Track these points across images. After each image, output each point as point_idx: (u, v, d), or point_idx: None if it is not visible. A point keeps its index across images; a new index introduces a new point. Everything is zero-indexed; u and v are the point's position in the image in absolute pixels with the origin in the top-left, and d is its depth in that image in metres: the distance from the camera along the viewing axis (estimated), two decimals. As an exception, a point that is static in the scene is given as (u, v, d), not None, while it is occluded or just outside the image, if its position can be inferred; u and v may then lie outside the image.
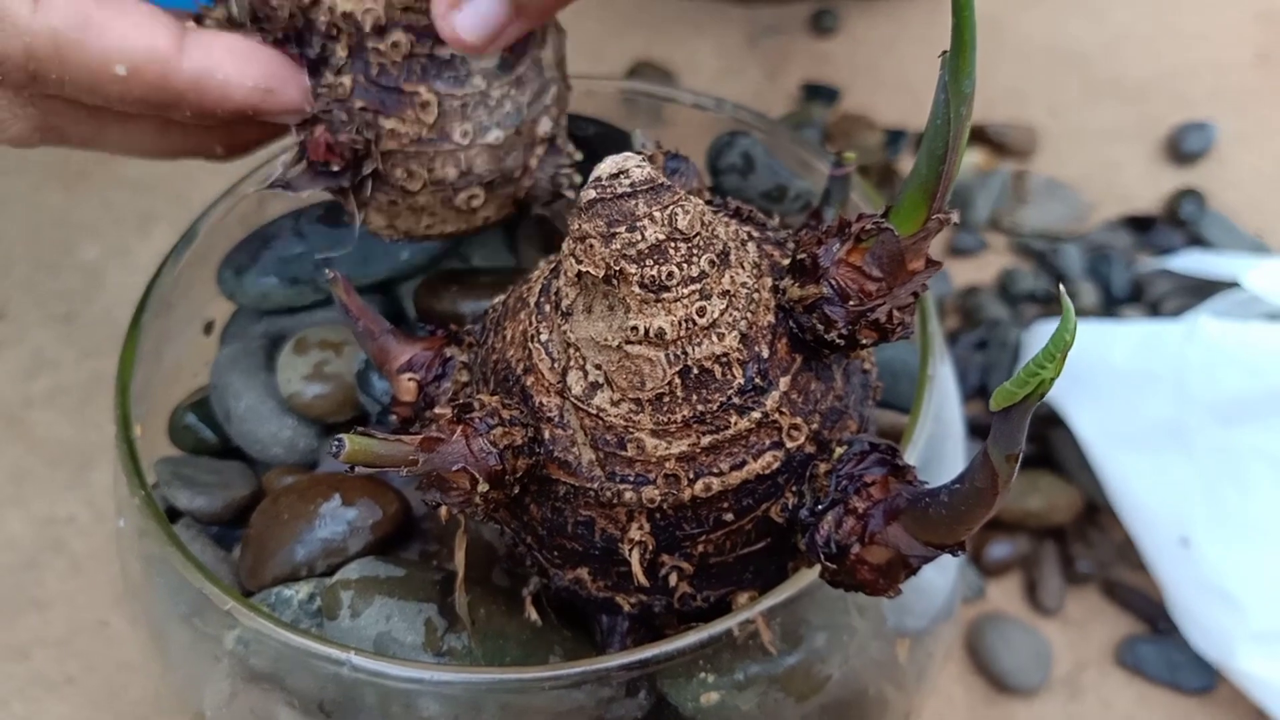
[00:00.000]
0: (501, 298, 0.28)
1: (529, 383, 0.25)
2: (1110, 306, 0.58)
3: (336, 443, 0.22)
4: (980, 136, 0.67)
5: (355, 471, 0.22)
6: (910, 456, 0.29)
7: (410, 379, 0.28)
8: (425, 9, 0.30)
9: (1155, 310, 0.57)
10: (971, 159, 0.66)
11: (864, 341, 0.25)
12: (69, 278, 0.64)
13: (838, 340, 0.25)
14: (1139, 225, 0.63)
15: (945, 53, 0.22)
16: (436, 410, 0.25)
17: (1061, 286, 0.20)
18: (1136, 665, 0.48)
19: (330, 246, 0.35)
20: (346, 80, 0.30)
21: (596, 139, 0.37)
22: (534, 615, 0.28)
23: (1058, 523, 0.51)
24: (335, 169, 0.30)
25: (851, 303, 0.24)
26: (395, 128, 0.30)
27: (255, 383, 0.34)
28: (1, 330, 0.62)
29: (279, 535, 0.31)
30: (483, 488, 0.24)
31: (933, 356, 0.30)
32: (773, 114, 0.70)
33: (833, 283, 0.24)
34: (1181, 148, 0.67)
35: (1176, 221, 0.63)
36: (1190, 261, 0.57)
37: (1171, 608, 0.48)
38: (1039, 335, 0.54)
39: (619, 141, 0.37)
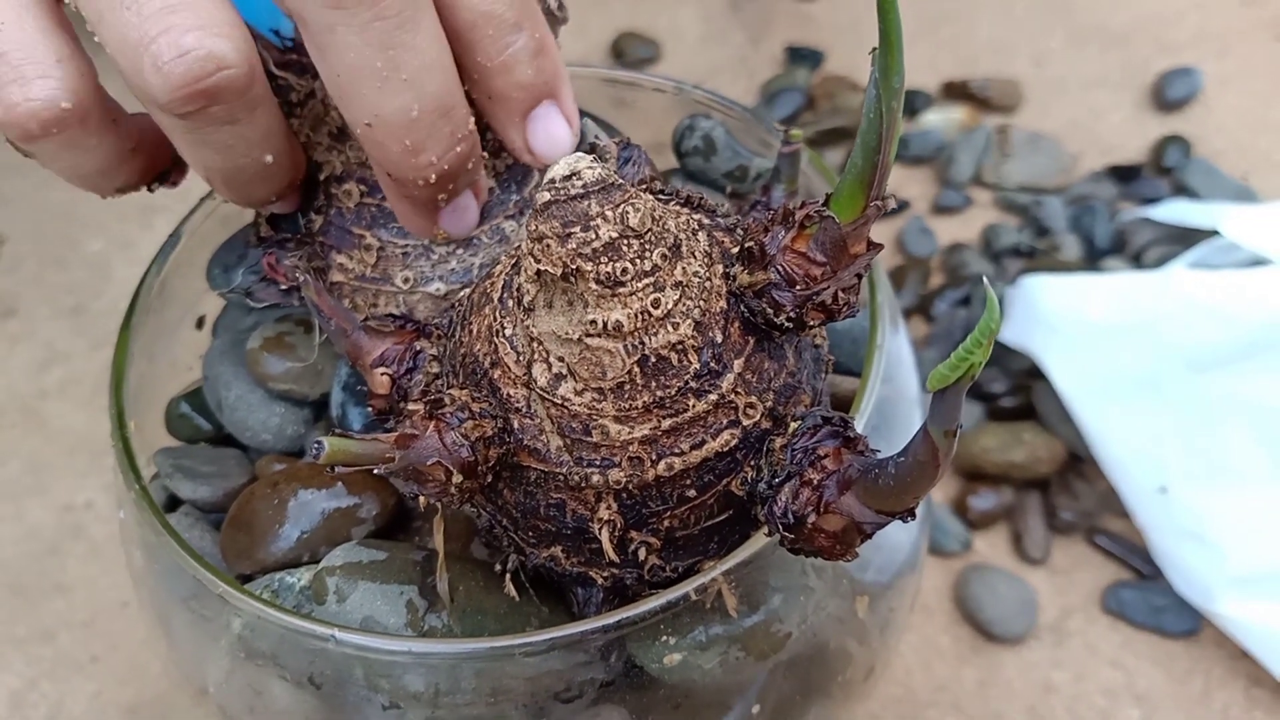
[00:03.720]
0: (467, 291, 0.29)
1: (496, 375, 0.27)
2: (1093, 259, 0.59)
3: (316, 445, 0.23)
4: (962, 93, 0.68)
5: (335, 472, 0.23)
6: (860, 423, 0.30)
7: (383, 373, 0.29)
8: None
9: (1138, 261, 0.58)
10: (954, 115, 0.66)
11: (811, 323, 0.26)
12: (76, 272, 0.66)
13: (787, 322, 0.26)
14: (1123, 175, 0.63)
15: (875, 50, 0.23)
16: (410, 406, 0.26)
17: (985, 279, 0.21)
18: (1121, 611, 0.49)
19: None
20: (320, 219, 0.35)
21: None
22: (512, 591, 0.29)
23: (1041, 474, 0.52)
24: (284, 287, 0.35)
25: (798, 287, 0.26)
26: (344, 263, 0.34)
27: (244, 372, 0.36)
28: (13, 326, 0.64)
29: (279, 520, 0.33)
30: (457, 478, 0.26)
31: (882, 326, 0.32)
32: (757, 78, 0.71)
33: (779, 269, 0.26)
34: (1166, 94, 0.67)
35: (1161, 170, 0.64)
36: (1171, 210, 0.58)
37: (1154, 554, 0.49)
38: (1025, 290, 0.54)
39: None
